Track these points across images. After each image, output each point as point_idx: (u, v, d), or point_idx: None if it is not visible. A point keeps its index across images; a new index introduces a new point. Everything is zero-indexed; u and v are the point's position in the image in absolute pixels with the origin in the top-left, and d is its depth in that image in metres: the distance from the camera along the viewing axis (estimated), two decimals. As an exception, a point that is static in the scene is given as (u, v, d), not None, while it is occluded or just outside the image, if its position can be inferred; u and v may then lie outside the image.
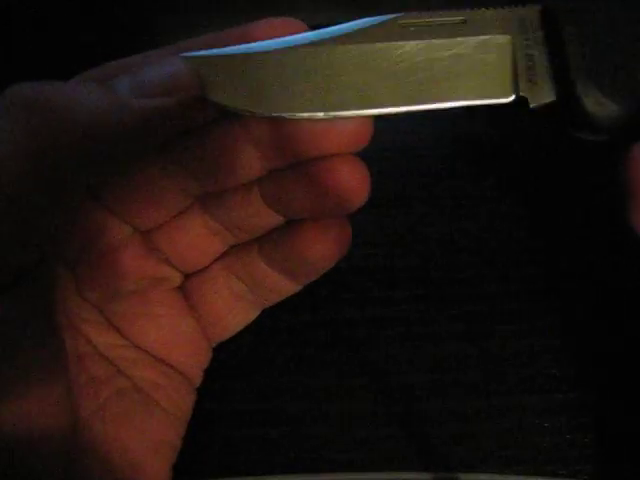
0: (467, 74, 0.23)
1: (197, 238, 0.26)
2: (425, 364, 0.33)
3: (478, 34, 0.23)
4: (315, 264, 0.25)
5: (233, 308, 0.27)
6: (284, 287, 0.27)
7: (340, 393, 0.33)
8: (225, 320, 0.27)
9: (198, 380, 0.28)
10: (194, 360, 0.28)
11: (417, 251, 0.35)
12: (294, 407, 0.33)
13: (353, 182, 0.23)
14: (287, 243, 0.25)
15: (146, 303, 0.26)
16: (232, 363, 0.33)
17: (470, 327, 0.34)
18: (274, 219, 0.25)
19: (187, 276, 0.27)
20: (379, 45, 0.23)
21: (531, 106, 0.23)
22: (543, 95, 0.23)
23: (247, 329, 0.28)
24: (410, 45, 0.23)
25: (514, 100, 0.23)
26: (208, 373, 0.28)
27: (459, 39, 0.23)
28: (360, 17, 0.24)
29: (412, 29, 0.23)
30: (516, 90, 0.23)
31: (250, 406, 0.33)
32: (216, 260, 0.27)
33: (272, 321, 0.33)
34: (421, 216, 0.36)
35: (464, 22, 0.23)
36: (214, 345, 0.28)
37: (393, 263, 0.35)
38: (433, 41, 0.23)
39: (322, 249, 0.25)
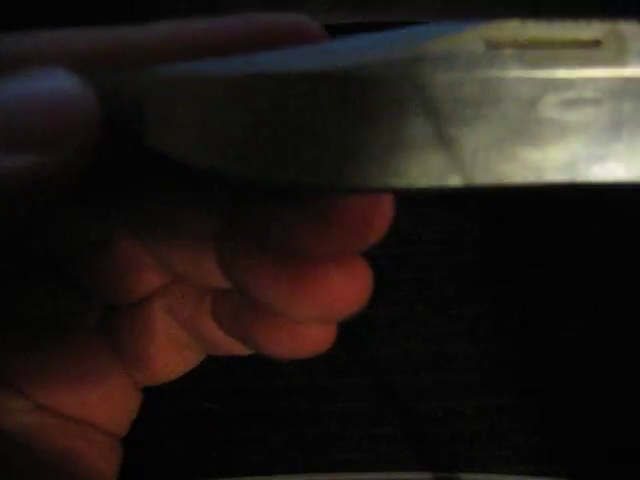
0: (589, 134, 0.14)
1: (126, 260, 0.19)
2: (425, 364, 0.33)
3: (617, 67, 0.14)
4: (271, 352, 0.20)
5: (169, 354, 0.21)
6: (235, 350, 0.21)
7: (340, 393, 0.33)
8: (159, 369, 0.21)
9: (124, 433, 0.22)
10: (120, 413, 0.22)
11: (417, 251, 0.35)
12: (294, 407, 0.33)
13: (347, 293, 0.18)
14: (245, 320, 0.19)
15: (61, 348, 0.20)
16: (231, 364, 0.33)
17: (470, 327, 0.34)
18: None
19: (110, 309, 0.21)
20: (448, 76, 0.14)
21: None
22: None
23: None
24: (507, 78, 0.14)
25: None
26: (208, 373, 0.28)
27: (582, 76, 0.14)
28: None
29: (509, 51, 0.14)
30: None
31: (250, 406, 0.33)
32: (154, 296, 0.20)
33: (272, 321, 0.33)
34: (421, 216, 0.36)
35: (597, 44, 0.14)
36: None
37: (393, 263, 0.35)
38: (538, 73, 0.14)
39: (285, 346, 0.19)
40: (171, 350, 0.21)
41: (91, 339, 0.20)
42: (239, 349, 0.21)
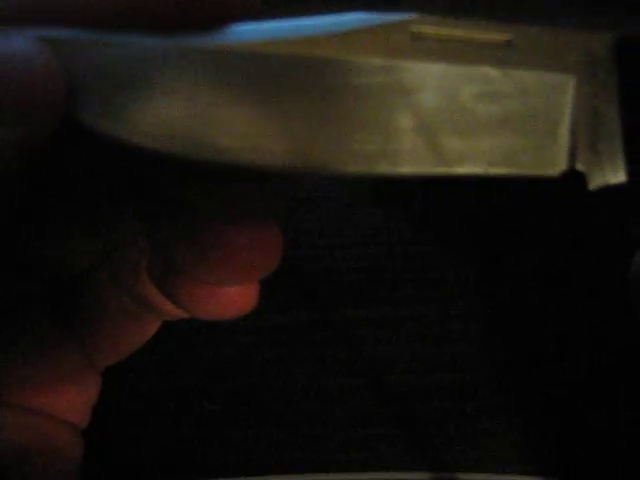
0: (501, 127, 0.15)
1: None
2: (425, 364, 0.33)
3: (528, 66, 0.15)
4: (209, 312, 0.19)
5: (125, 324, 0.20)
6: (179, 313, 0.20)
7: (340, 393, 0.33)
8: (114, 342, 0.21)
9: (86, 422, 0.21)
10: (80, 399, 0.21)
11: (417, 251, 0.35)
12: (294, 407, 0.33)
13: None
14: (171, 282, 0.18)
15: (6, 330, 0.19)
16: (231, 364, 0.33)
17: (470, 327, 0.34)
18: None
19: (56, 285, 0.20)
20: (374, 62, 0.15)
21: (590, 187, 0.16)
22: (609, 173, 0.16)
23: (246, 329, 0.28)
24: (423, 69, 0.15)
25: (566, 174, 0.16)
26: (208, 373, 0.28)
27: (497, 71, 0.15)
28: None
29: (429, 43, 0.15)
30: (571, 160, 0.16)
31: (250, 406, 0.33)
32: (97, 265, 0.20)
33: (271, 321, 0.33)
34: (421, 216, 0.36)
35: (508, 44, 0.15)
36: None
37: (393, 263, 0.35)
38: (458, 68, 0.15)
39: (208, 308, 0.19)
40: (122, 320, 0.20)
41: (40, 322, 0.19)
42: (181, 312, 0.20)
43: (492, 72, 0.15)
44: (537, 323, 0.34)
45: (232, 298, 0.18)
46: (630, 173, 0.16)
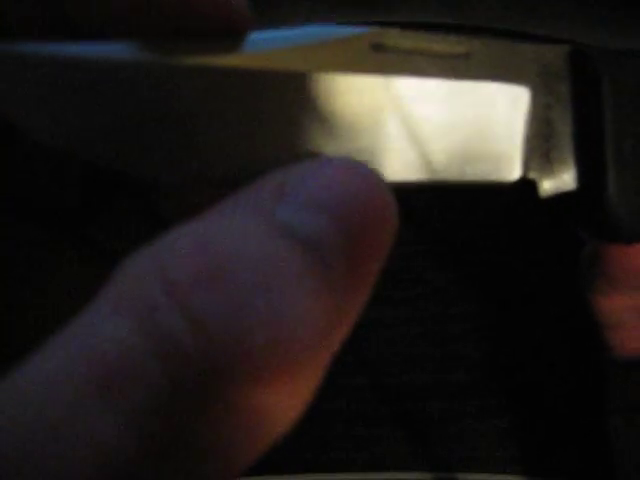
0: (457, 136, 0.16)
1: None
2: (425, 364, 0.33)
3: (485, 77, 0.16)
4: None
5: None
6: None
7: (340, 393, 0.33)
8: None
9: None
10: None
11: (417, 251, 0.35)
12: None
13: None
14: None
15: None
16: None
17: (470, 327, 0.34)
18: None
19: None
20: (330, 76, 0.14)
21: (541, 194, 0.16)
22: (559, 180, 0.16)
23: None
24: (380, 81, 0.15)
25: (518, 181, 0.16)
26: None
27: (454, 82, 0.16)
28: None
29: (389, 55, 0.15)
30: (524, 168, 0.16)
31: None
32: None
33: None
34: (421, 216, 0.36)
35: (466, 56, 0.16)
36: None
37: (393, 263, 0.35)
38: (416, 79, 0.15)
39: None
40: None
41: None
42: None
43: (449, 83, 0.16)
44: (537, 323, 0.34)
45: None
46: (579, 180, 0.17)
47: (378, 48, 0.15)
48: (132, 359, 0.10)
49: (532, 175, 0.16)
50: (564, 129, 0.16)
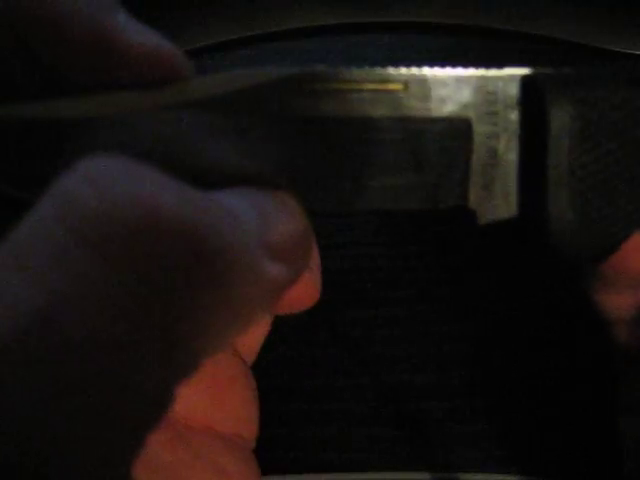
0: (395, 168, 0.16)
1: None
2: (425, 364, 0.33)
3: (423, 110, 0.16)
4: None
5: None
6: None
7: (340, 393, 0.33)
8: (249, 333, 0.21)
9: (254, 439, 0.21)
10: (240, 403, 0.21)
11: (417, 251, 0.35)
12: (294, 407, 0.33)
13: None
14: None
15: None
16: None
17: (470, 327, 0.34)
18: None
19: None
20: (251, 116, 0.15)
21: (480, 222, 0.17)
22: (500, 209, 0.17)
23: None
24: (313, 120, 0.15)
25: (456, 211, 0.17)
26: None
27: (390, 119, 0.16)
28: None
29: (321, 94, 0.15)
30: (462, 198, 0.17)
31: (250, 406, 0.33)
32: None
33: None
34: (421, 216, 0.36)
35: (405, 87, 0.16)
36: None
37: (393, 263, 0.35)
38: (347, 116, 0.15)
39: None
40: None
41: None
42: None
43: (384, 120, 0.16)
44: (537, 323, 0.34)
45: (296, 293, 0.19)
46: (520, 208, 0.17)
47: (309, 90, 0.15)
48: (38, 223, 0.12)
49: (471, 204, 0.17)
50: (509, 158, 0.16)
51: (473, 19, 0.34)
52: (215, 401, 0.20)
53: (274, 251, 0.14)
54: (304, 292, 0.19)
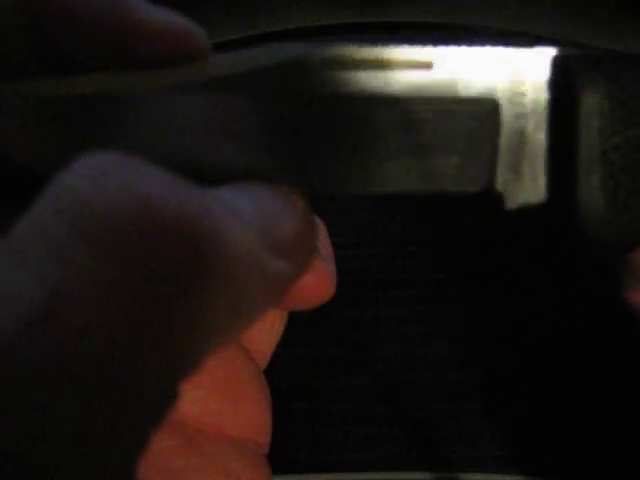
0: (420, 150, 0.15)
1: None
2: (425, 364, 0.33)
3: (447, 89, 0.15)
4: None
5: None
6: None
7: (340, 393, 0.33)
8: (262, 327, 0.21)
9: (267, 444, 0.21)
10: (253, 407, 0.20)
11: (417, 251, 0.35)
12: (294, 407, 0.33)
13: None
14: None
15: None
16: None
17: (470, 327, 0.34)
18: None
19: None
20: (288, 92, 0.15)
21: (507, 207, 0.16)
22: (529, 192, 0.16)
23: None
24: (335, 98, 0.15)
25: (484, 194, 0.16)
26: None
27: (415, 97, 0.15)
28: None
29: (342, 72, 0.15)
30: (489, 180, 0.16)
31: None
32: None
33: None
34: (421, 216, 0.36)
35: (429, 65, 0.15)
36: None
37: (392, 263, 0.35)
38: (371, 94, 0.15)
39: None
40: None
41: None
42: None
43: (410, 98, 0.15)
44: (537, 323, 0.34)
45: (310, 287, 0.19)
46: (549, 193, 0.16)
47: (330, 64, 0.15)
48: (37, 218, 0.12)
49: (498, 188, 0.16)
50: (538, 139, 0.16)
51: (473, 19, 0.34)
52: (228, 404, 0.19)
53: (276, 247, 0.14)
54: (320, 284, 0.19)
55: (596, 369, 0.33)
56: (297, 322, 0.34)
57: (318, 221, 0.20)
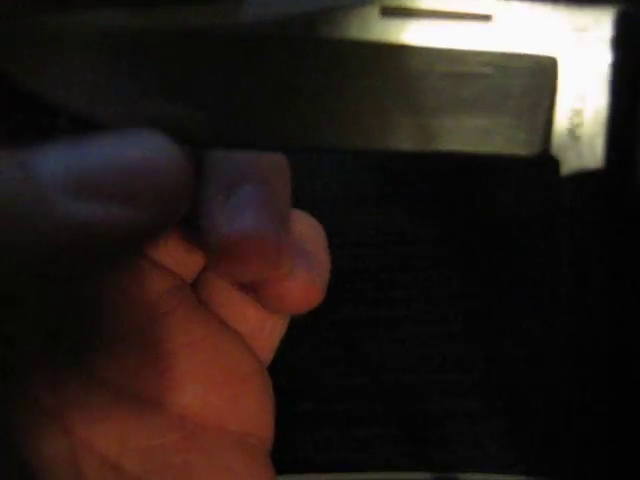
0: (473, 107, 0.14)
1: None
2: (425, 364, 0.33)
3: (508, 44, 0.14)
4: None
5: (259, 318, 0.21)
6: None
7: (340, 393, 0.33)
8: (265, 326, 0.21)
9: (270, 434, 0.21)
10: (256, 403, 0.20)
11: (417, 251, 0.35)
12: (293, 407, 0.33)
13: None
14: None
15: (169, 333, 0.19)
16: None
17: (469, 327, 0.34)
18: None
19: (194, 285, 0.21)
20: (342, 41, 0.14)
21: (562, 173, 0.15)
22: (585, 158, 0.15)
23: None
24: (391, 49, 0.14)
25: (538, 157, 0.15)
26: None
27: (471, 50, 0.14)
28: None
29: (401, 21, 0.14)
30: (544, 144, 0.15)
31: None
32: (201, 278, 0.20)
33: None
34: (421, 216, 0.36)
35: (489, 18, 0.14)
36: None
37: (393, 263, 0.35)
38: (429, 46, 0.14)
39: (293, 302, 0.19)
40: (255, 311, 0.20)
41: (198, 314, 0.19)
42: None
43: (463, 51, 0.14)
44: (537, 323, 0.34)
45: (292, 293, 0.19)
46: (608, 159, 0.15)
47: (390, 12, 0.14)
48: None
49: (554, 151, 0.15)
50: (598, 102, 0.15)
51: None
52: (228, 399, 0.19)
53: (79, 188, 0.12)
54: (303, 291, 0.19)
55: (597, 369, 0.33)
56: (297, 322, 0.34)
57: (314, 224, 0.20)
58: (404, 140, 0.15)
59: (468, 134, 0.15)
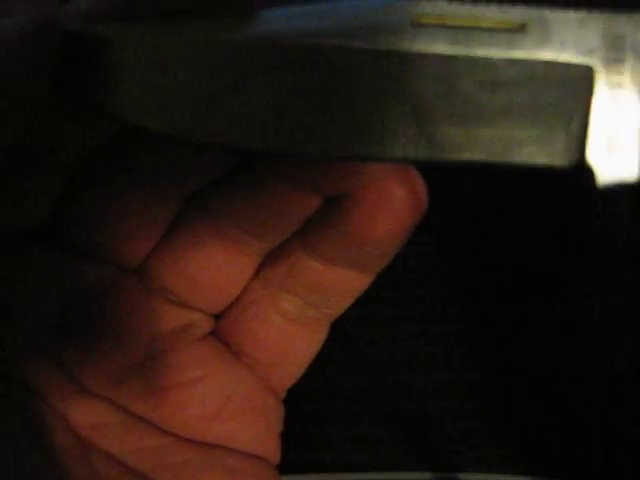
0: (504, 116, 0.14)
1: (215, 256, 0.18)
2: (424, 364, 0.33)
3: (539, 54, 0.14)
4: (383, 244, 0.19)
5: (293, 334, 0.20)
6: (350, 283, 0.20)
7: (340, 393, 0.33)
8: (288, 354, 0.20)
9: (277, 456, 0.20)
10: (264, 428, 0.20)
11: (417, 251, 0.35)
12: (293, 407, 0.33)
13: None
14: (338, 227, 0.18)
15: (172, 369, 0.18)
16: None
17: (469, 327, 0.34)
18: (311, 202, 0.18)
19: (218, 316, 0.20)
20: (374, 49, 0.14)
21: (599, 184, 0.15)
22: (621, 170, 0.15)
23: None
24: (422, 56, 0.14)
25: (573, 168, 0.15)
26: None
27: (503, 58, 0.14)
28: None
29: (435, 30, 0.14)
30: (578, 155, 0.15)
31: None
32: (251, 280, 0.19)
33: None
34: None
35: (523, 28, 0.14)
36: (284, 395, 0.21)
37: (393, 263, 0.35)
38: (463, 54, 0.14)
39: (387, 223, 0.19)
40: (290, 327, 0.20)
41: (211, 350, 0.19)
42: (355, 281, 0.20)
43: (497, 60, 0.14)
44: (537, 323, 0.34)
45: (399, 196, 0.19)
46: None
47: (418, 22, 0.14)
48: None
49: (590, 162, 0.15)
50: (636, 112, 0.14)
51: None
52: (234, 424, 0.19)
53: None
54: (411, 188, 0.18)
55: (597, 369, 0.33)
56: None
57: None
58: (441, 149, 0.15)
59: (502, 143, 0.15)
